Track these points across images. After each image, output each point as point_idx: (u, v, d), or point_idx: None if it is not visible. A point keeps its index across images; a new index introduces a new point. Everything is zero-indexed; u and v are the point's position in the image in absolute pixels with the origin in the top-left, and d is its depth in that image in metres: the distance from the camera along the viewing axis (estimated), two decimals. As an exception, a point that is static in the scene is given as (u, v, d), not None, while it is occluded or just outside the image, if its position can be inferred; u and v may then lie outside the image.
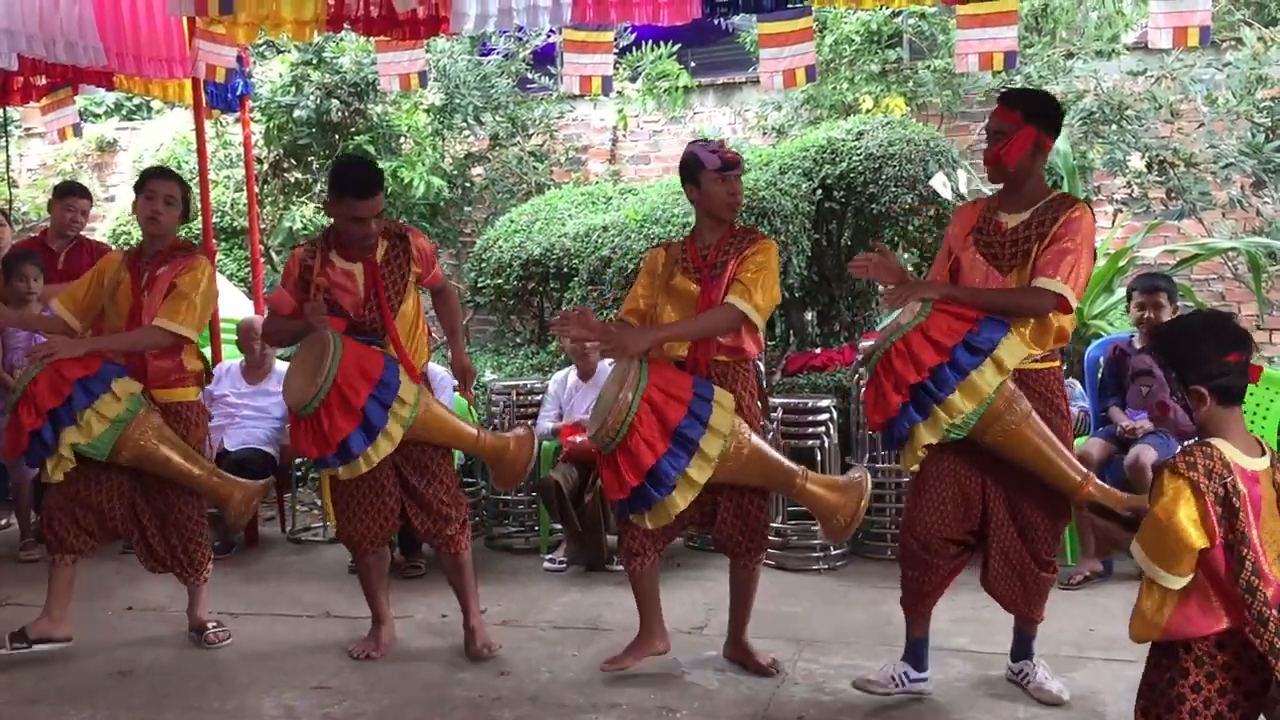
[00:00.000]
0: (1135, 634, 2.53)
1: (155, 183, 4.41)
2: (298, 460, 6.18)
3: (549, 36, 8.48)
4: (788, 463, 3.97)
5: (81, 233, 6.30)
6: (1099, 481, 3.63)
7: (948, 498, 3.64)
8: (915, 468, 3.65)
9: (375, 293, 4.09)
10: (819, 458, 5.36)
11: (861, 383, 4.90)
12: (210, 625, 4.58)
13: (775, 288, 3.91)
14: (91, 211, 6.57)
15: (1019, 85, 7.49)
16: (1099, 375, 5.49)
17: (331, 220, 4.23)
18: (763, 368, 4.43)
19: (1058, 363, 3.73)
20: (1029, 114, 3.62)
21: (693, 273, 3.96)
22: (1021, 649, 3.86)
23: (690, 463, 3.70)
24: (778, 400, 5.52)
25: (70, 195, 6.10)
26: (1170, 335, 2.60)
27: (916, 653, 3.83)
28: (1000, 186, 3.79)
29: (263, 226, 8.26)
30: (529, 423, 5.59)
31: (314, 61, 8.21)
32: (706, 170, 3.92)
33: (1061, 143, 6.97)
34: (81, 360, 4.20)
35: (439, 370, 5.47)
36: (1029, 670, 3.81)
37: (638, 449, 3.65)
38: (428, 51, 6.74)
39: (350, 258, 4.13)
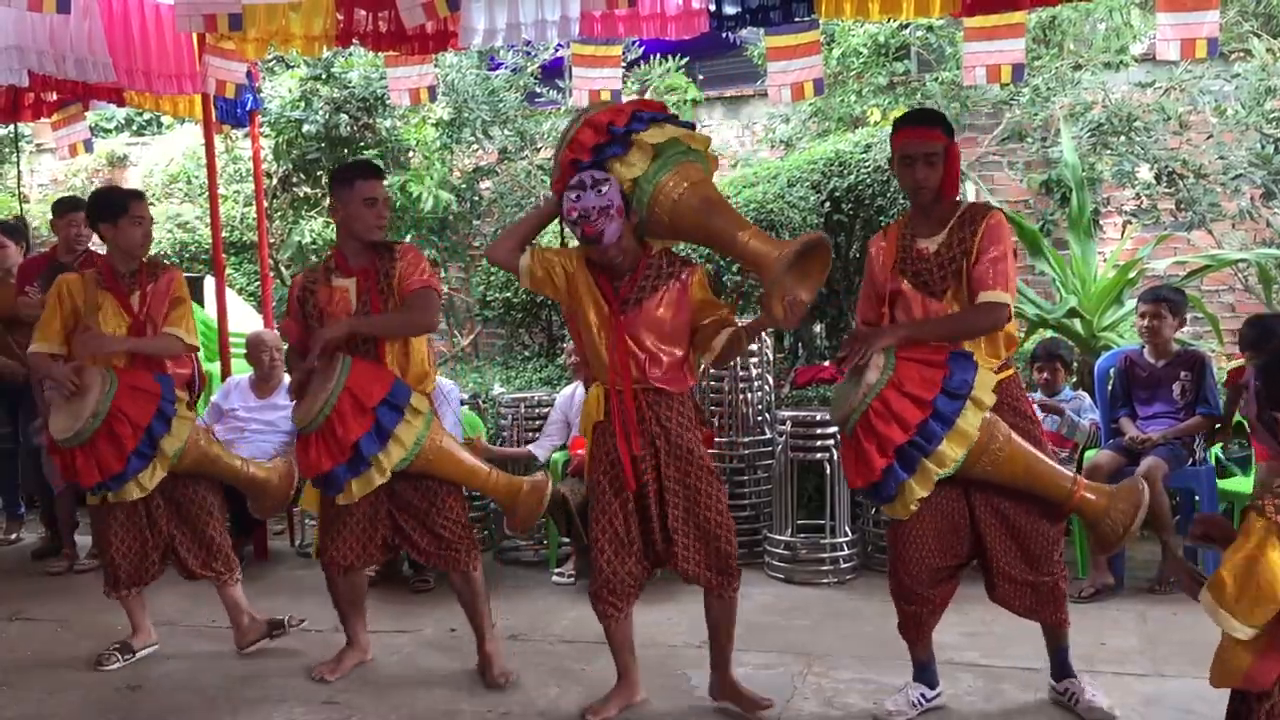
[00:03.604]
0: (1215, 680, 2.43)
1: (140, 205, 4.46)
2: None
3: (557, 50, 8.51)
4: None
5: (90, 247, 6.33)
6: (1087, 482, 3.63)
7: (931, 532, 3.61)
8: (907, 516, 3.59)
9: (367, 305, 4.04)
10: (828, 471, 5.35)
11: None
12: (287, 616, 4.71)
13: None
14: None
15: (1027, 97, 7.51)
16: (1109, 386, 5.48)
17: (336, 229, 4.23)
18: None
19: (1013, 369, 3.73)
20: (948, 131, 3.65)
21: (604, 302, 3.68)
22: (1061, 667, 3.81)
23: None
24: (786, 413, 5.51)
25: (69, 211, 6.13)
26: (1276, 356, 2.53)
27: (926, 672, 3.83)
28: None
29: (272, 241, 8.28)
30: (579, 488, 5.35)
31: (323, 76, 8.24)
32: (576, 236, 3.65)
33: (1070, 154, 6.98)
34: (138, 372, 4.32)
35: (445, 383, 5.47)
36: (1075, 689, 3.76)
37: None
38: (436, 66, 6.76)
39: (347, 272, 4.10)
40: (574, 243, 3.78)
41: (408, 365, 4.10)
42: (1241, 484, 5.27)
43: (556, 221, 3.80)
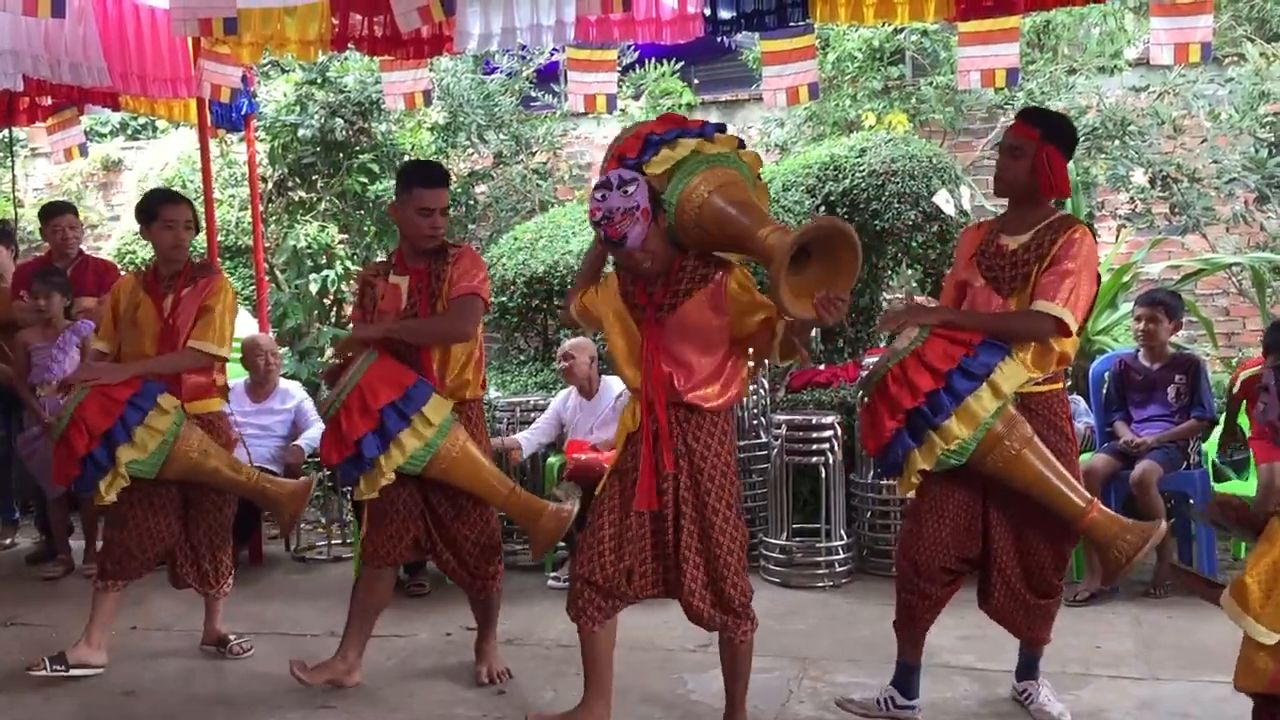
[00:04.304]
0: (1240, 683, 2.44)
1: (172, 210, 4.42)
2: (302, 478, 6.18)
3: (552, 55, 8.52)
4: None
5: (84, 249, 6.33)
6: (1103, 507, 3.58)
7: (947, 525, 3.61)
8: (911, 493, 3.61)
9: (415, 304, 4.04)
10: (823, 474, 5.35)
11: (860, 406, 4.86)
12: (232, 637, 4.62)
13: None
14: (86, 226, 6.60)
15: (1021, 102, 7.52)
16: (1104, 390, 5.49)
17: (398, 230, 4.22)
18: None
19: (1060, 384, 3.70)
20: (1048, 134, 3.58)
21: (639, 311, 3.50)
22: (1027, 669, 3.84)
23: None
24: (782, 417, 5.52)
25: (53, 217, 6.12)
26: None
27: (906, 678, 3.79)
28: (1005, 207, 3.76)
29: (267, 245, 8.28)
30: (573, 492, 5.24)
31: (318, 81, 8.24)
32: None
33: (1064, 158, 6.98)
34: (125, 381, 4.26)
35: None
36: (1032, 691, 3.79)
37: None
38: (431, 70, 6.76)
39: (403, 270, 4.11)
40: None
41: (445, 370, 4.08)
42: (1238, 487, 5.27)
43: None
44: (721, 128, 3.57)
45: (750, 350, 3.54)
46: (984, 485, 3.59)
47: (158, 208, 4.42)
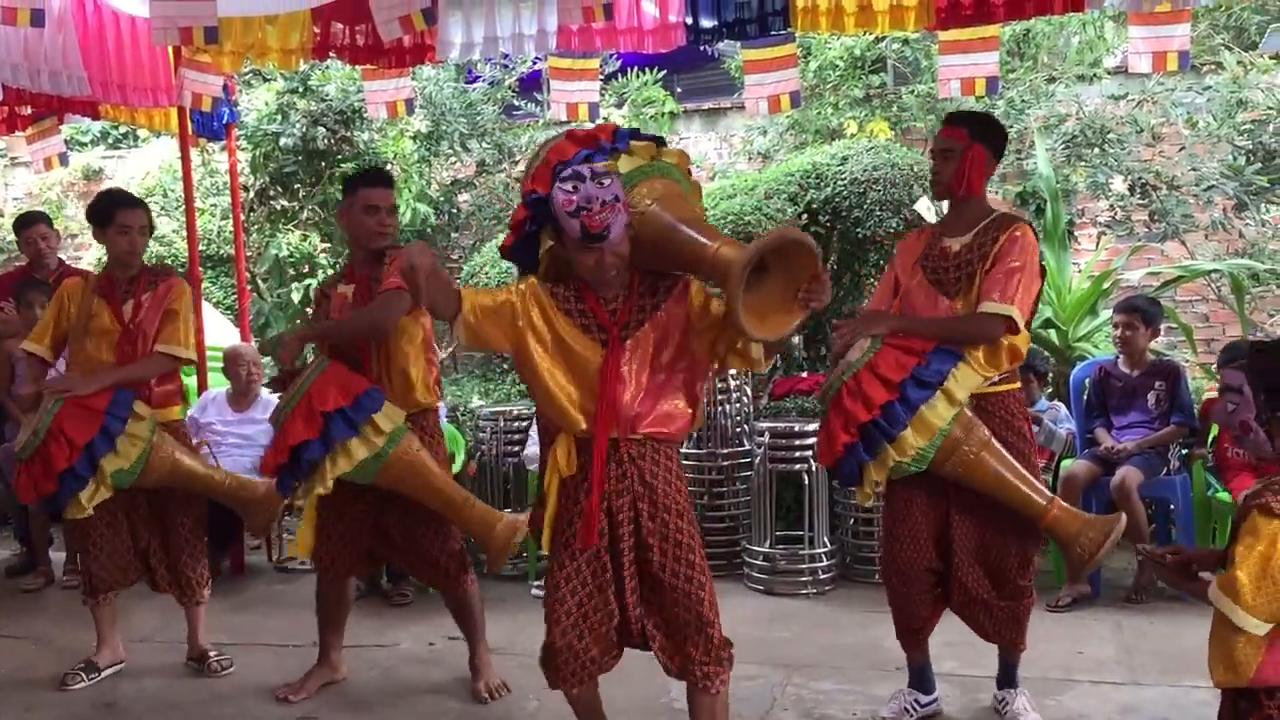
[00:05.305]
0: (1219, 679, 2.44)
1: (128, 215, 4.36)
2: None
3: (535, 63, 8.52)
4: None
5: (63, 258, 6.29)
6: (1065, 504, 3.61)
7: (921, 529, 3.62)
8: (870, 502, 3.63)
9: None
10: (806, 482, 5.36)
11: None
12: (212, 654, 4.57)
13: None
14: (67, 236, 6.57)
15: (1002, 109, 7.58)
16: (1084, 397, 5.51)
17: (347, 239, 4.27)
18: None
19: (1017, 384, 3.73)
20: (975, 133, 3.63)
21: (596, 333, 3.06)
22: (1006, 677, 3.84)
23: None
24: (765, 425, 5.52)
25: (26, 228, 6.07)
26: (1266, 356, 2.54)
27: (921, 677, 3.84)
28: (945, 212, 3.80)
29: (249, 254, 8.25)
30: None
31: (300, 89, 8.24)
32: (568, 236, 3.00)
33: (1044, 166, 7.03)
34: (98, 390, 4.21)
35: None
36: (1010, 699, 3.79)
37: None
38: (414, 79, 6.76)
39: (351, 278, 4.12)
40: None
41: (390, 377, 4.04)
42: (1227, 497, 5.25)
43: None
44: (636, 133, 3.25)
45: (721, 362, 3.17)
46: (946, 488, 3.60)
47: (114, 212, 4.35)
